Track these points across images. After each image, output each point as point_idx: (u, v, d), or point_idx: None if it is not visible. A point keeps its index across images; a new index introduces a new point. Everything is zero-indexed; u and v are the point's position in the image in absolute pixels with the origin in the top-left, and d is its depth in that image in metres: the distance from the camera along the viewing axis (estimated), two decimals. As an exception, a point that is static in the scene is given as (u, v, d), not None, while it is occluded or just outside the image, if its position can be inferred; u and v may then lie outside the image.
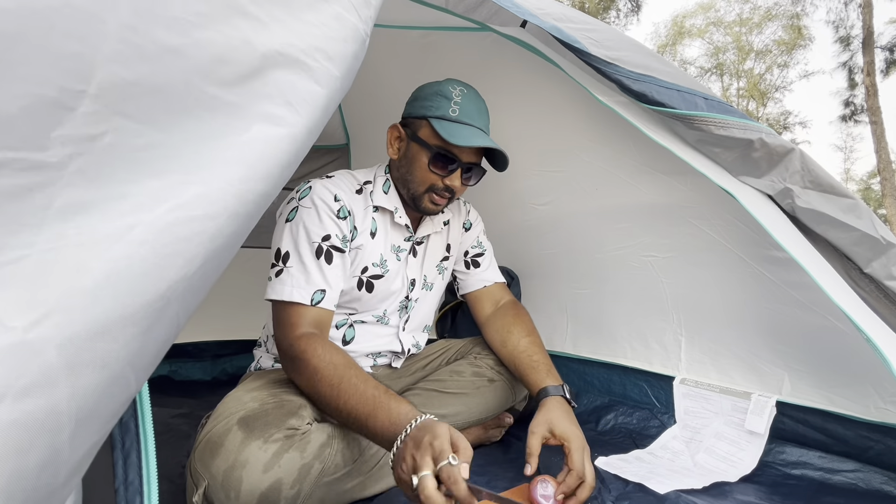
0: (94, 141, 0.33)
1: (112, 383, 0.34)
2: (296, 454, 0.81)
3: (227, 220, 0.40)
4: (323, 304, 0.96)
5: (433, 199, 1.06)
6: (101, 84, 0.32)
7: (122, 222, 0.34)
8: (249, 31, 0.42)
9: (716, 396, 1.14)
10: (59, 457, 0.30)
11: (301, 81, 0.46)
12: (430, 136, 1.02)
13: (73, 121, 0.31)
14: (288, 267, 0.96)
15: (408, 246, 1.16)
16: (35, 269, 0.30)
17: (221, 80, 0.40)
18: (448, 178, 1.04)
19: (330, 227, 1.00)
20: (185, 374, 2.06)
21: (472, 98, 1.05)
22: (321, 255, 0.98)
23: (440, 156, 1.02)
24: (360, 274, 1.07)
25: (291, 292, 0.94)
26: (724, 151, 0.94)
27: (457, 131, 0.99)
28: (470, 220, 1.31)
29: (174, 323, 0.39)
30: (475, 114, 1.03)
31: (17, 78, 0.29)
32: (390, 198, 1.11)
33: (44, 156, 0.30)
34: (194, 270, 0.38)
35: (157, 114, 0.36)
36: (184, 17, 0.37)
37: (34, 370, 0.29)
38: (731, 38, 18.38)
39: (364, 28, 0.54)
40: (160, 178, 0.36)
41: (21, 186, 0.30)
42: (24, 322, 0.29)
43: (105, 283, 0.32)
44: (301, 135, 0.46)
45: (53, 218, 0.31)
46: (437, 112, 1.02)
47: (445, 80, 1.06)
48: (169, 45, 0.36)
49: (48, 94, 0.30)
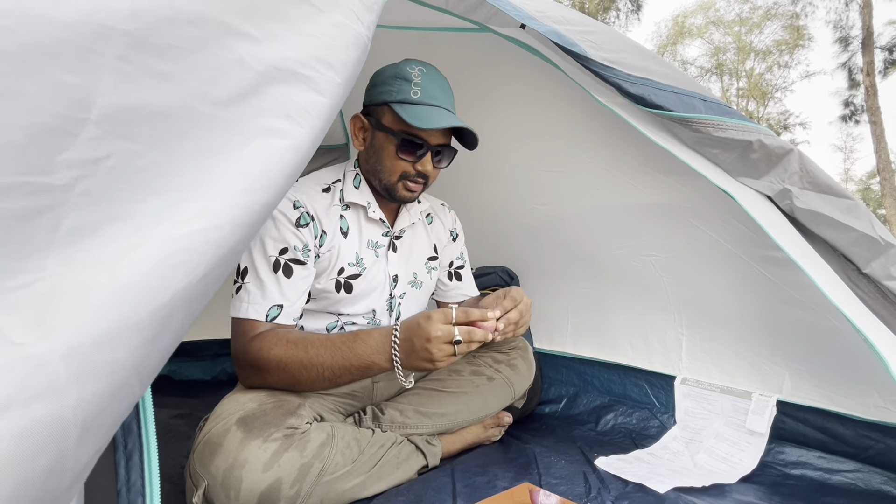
0: (97, 164, 0.34)
1: (117, 391, 0.35)
2: (295, 453, 0.81)
3: (231, 230, 0.41)
4: (279, 320, 0.94)
5: (407, 185, 1.03)
6: (102, 111, 0.34)
7: (128, 241, 0.35)
8: (242, 50, 0.43)
9: (716, 396, 1.15)
10: (64, 463, 0.31)
11: (301, 93, 0.47)
12: (393, 122, 0.99)
13: (77, 146, 0.33)
14: (245, 283, 0.94)
15: (385, 241, 1.12)
16: (45, 293, 0.31)
17: (217, 101, 0.41)
18: (419, 164, 1.01)
19: (289, 239, 0.96)
20: (185, 374, 2.06)
21: (433, 77, 1.00)
22: (279, 269, 0.95)
23: (407, 142, 0.98)
24: (337, 276, 1.04)
25: (247, 309, 0.92)
26: (723, 153, 0.94)
27: (421, 114, 0.95)
28: (456, 229, 1.29)
29: (178, 330, 0.40)
30: (438, 93, 0.98)
31: (22, 110, 0.30)
32: (362, 192, 1.07)
33: (51, 179, 0.32)
34: (199, 279, 0.39)
35: (157, 136, 0.37)
36: (175, 44, 0.38)
37: (41, 381, 0.30)
38: (731, 38, 18.38)
39: (366, 34, 0.55)
40: (163, 195, 0.38)
41: (30, 209, 0.31)
42: (32, 338, 0.30)
43: (111, 297, 0.34)
44: (304, 145, 0.47)
45: (62, 241, 0.32)
46: (398, 96, 0.97)
47: (402, 62, 1.01)
48: (163, 71, 0.38)
49: (52, 123, 0.32)
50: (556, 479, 0.96)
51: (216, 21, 0.41)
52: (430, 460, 1.02)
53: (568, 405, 1.46)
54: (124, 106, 0.35)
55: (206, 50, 0.40)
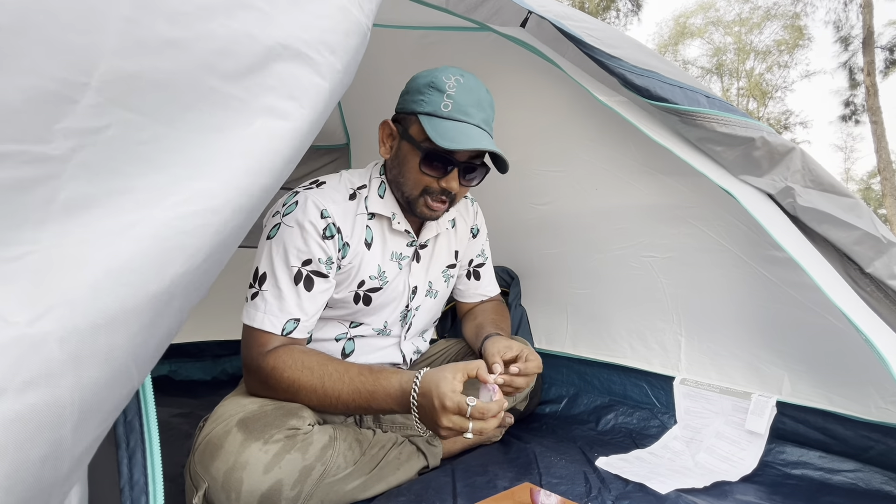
0: (97, 134, 0.33)
1: (115, 376, 0.33)
2: (297, 455, 0.80)
3: (231, 213, 0.39)
4: (294, 334, 0.90)
5: (429, 203, 0.96)
6: (104, 77, 0.32)
7: (125, 218, 0.34)
8: (253, 23, 0.41)
9: (716, 396, 1.14)
10: (61, 450, 0.30)
11: (305, 75, 0.45)
12: (420, 134, 0.92)
13: (76, 113, 0.31)
14: (263, 290, 0.90)
15: (410, 252, 1.07)
16: (39, 266, 0.30)
17: (225, 74, 0.39)
18: (444, 180, 0.94)
19: (314, 251, 0.92)
20: (185, 374, 2.06)
21: (470, 88, 0.92)
22: (300, 282, 0.90)
23: (432, 156, 0.91)
24: (357, 288, 1.00)
25: (263, 320, 0.89)
26: (726, 150, 0.94)
27: (447, 131, 0.88)
28: (477, 224, 1.22)
29: (177, 317, 0.38)
30: (472, 107, 0.91)
31: (20, 70, 0.29)
32: (386, 202, 1.02)
33: (47, 148, 0.30)
34: (198, 264, 0.37)
35: (160, 107, 0.36)
36: (186, 10, 0.36)
37: (36, 364, 0.29)
38: (732, 39, 18.39)
39: (366, 22, 0.54)
40: (164, 172, 0.36)
41: (25, 179, 0.29)
42: (27, 317, 0.29)
43: (108, 278, 0.32)
44: (304, 128, 0.46)
45: (58, 214, 0.31)
46: (427, 107, 0.90)
47: (442, 68, 0.94)
48: (171, 38, 0.36)
49: (51, 87, 0.30)
50: (557, 479, 0.96)
51: None
52: (431, 461, 1.02)
53: (568, 405, 1.45)
54: (128, 72, 0.34)
55: (216, 19, 0.38)
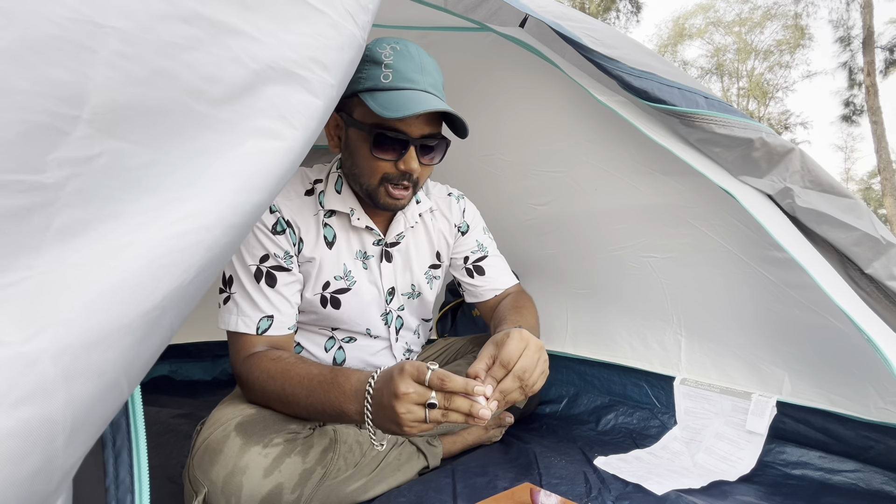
0: (89, 162, 0.34)
1: (106, 391, 0.34)
2: (297, 459, 0.80)
3: (223, 231, 0.41)
4: (272, 332, 0.88)
5: (390, 191, 0.88)
6: (95, 109, 0.34)
7: (119, 241, 0.35)
8: (239, 48, 0.42)
9: (716, 397, 1.14)
10: (52, 464, 0.31)
11: (295, 94, 0.46)
12: (365, 114, 0.83)
13: (69, 144, 0.33)
14: (232, 293, 0.89)
15: (376, 251, 1.00)
16: (34, 290, 0.31)
17: (212, 99, 0.41)
18: (401, 163, 0.85)
19: (267, 246, 0.89)
20: (185, 374, 2.06)
21: (409, 54, 0.83)
22: (261, 279, 0.89)
23: (382, 136, 0.82)
24: (322, 290, 0.95)
25: (237, 322, 0.88)
26: (725, 151, 0.93)
27: (393, 101, 0.78)
28: (466, 221, 1.13)
29: (168, 331, 0.40)
30: (415, 73, 0.82)
31: (13, 107, 0.30)
32: (344, 198, 0.95)
33: (41, 177, 0.31)
34: (190, 280, 0.39)
35: (150, 134, 0.37)
36: (172, 40, 0.37)
37: (30, 380, 0.29)
38: (732, 39, 18.39)
39: (361, 34, 0.54)
40: (155, 195, 0.37)
41: (20, 208, 0.31)
42: (21, 336, 0.30)
43: (102, 298, 0.33)
44: (297, 146, 0.47)
45: (52, 240, 0.32)
46: (367, 83, 0.81)
47: (373, 41, 0.83)
48: (159, 68, 0.37)
49: (43, 121, 0.31)
50: (557, 479, 0.96)
51: (213, 18, 0.40)
52: (431, 461, 1.02)
53: (568, 405, 1.45)
54: (118, 103, 0.35)
55: (202, 48, 0.39)
